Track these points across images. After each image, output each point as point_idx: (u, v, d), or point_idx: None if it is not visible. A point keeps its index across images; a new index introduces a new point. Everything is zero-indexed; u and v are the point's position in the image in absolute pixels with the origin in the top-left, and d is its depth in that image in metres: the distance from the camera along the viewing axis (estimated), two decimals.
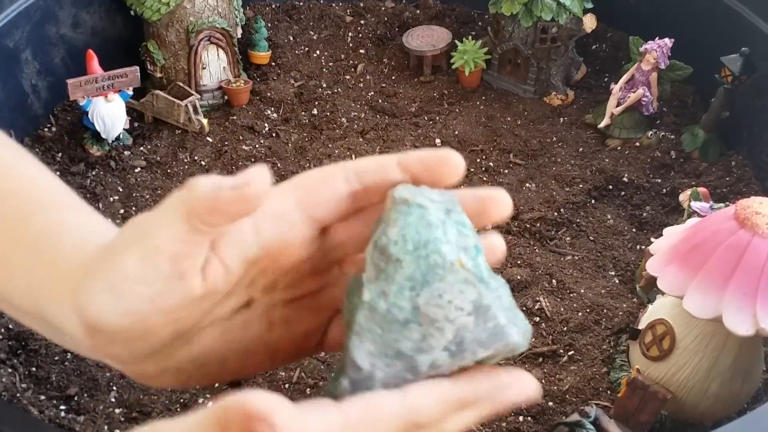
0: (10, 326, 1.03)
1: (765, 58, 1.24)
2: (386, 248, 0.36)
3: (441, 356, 0.36)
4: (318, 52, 1.60)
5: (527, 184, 1.32)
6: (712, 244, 0.84)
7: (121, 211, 1.24)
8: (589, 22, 1.43)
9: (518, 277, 1.13)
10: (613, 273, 1.17)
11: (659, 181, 1.31)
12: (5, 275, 0.42)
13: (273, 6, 1.67)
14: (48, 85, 1.37)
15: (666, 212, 1.26)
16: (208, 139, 1.38)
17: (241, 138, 1.38)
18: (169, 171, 1.31)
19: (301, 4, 1.68)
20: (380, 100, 1.50)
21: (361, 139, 1.41)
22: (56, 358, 1.01)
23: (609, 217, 1.26)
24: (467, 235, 0.38)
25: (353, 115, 1.46)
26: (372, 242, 0.38)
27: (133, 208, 1.24)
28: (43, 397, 0.97)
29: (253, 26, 1.52)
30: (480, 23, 1.66)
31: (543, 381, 1.00)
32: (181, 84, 1.40)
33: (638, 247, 1.20)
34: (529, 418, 0.97)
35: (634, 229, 1.24)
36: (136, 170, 1.31)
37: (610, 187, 1.31)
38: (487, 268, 0.38)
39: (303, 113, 1.46)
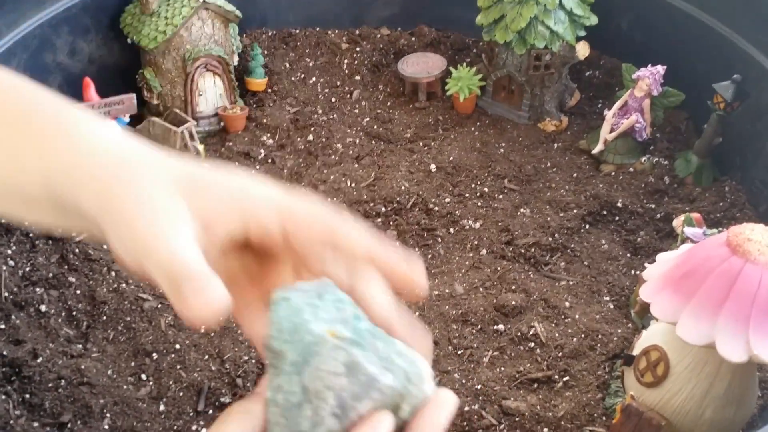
0: (5, 353, 1.03)
1: (757, 85, 1.25)
2: (271, 345, 0.40)
3: (331, 422, 0.39)
4: (314, 78, 1.61)
5: (522, 210, 1.32)
6: (704, 271, 0.84)
7: None
8: (583, 50, 1.44)
9: (513, 303, 1.13)
10: (607, 298, 1.17)
11: (653, 206, 1.31)
12: (15, 166, 0.43)
13: (269, 33, 1.69)
14: None
15: (660, 237, 1.26)
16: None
17: (236, 164, 1.39)
18: None
19: (298, 31, 1.69)
20: (375, 126, 1.51)
21: (356, 165, 1.42)
22: (50, 385, 1.01)
23: (603, 242, 1.26)
24: (345, 308, 0.41)
25: (348, 141, 1.47)
26: (264, 347, 0.41)
27: None
28: (36, 424, 0.97)
29: (250, 53, 1.54)
30: (474, 50, 1.67)
31: (538, 407, 1.00)
32: (178, 111, 1.40)
33: (633, 272, 1.20)
34: None
35: (628, 254, 1.24)
36: None
37: (605, 212, 1.31)
38: (372, 330, 0.41)
39: (299, 139, 1.46)
